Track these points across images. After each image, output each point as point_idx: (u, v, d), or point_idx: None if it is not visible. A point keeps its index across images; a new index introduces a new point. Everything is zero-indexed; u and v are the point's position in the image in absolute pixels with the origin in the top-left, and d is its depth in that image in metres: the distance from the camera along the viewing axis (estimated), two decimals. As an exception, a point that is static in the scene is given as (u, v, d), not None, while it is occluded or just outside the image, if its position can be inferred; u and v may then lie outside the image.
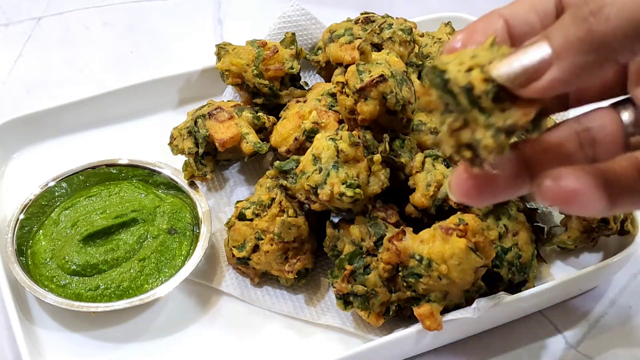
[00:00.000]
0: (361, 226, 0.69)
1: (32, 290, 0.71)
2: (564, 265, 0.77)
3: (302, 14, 0.89)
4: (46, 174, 0.80)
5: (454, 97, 0.35)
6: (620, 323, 0.75)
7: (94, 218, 0.76)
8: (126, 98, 0.88)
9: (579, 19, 0.32)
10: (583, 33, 0.32)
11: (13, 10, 1.06)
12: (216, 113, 0.78)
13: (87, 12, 1.06)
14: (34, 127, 0.86)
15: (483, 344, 0.73)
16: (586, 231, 0.75)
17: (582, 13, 0.32)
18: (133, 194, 0.79)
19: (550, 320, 0.75)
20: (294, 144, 0.76)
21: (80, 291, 0.71)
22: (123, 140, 0.88)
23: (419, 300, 0.67)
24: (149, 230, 0.75)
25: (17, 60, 0.99)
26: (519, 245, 0.70)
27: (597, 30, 0.32)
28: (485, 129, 0.34)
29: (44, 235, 0.76)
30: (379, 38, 0.81)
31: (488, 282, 0.70)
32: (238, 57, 0.81)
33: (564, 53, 0.33)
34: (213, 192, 0.82)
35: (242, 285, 0.76)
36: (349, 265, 0.68)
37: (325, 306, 0.74)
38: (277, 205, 0.72)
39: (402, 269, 0.66)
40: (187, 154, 0.78)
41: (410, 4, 1.07)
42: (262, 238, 0.72)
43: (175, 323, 0.73)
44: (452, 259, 0.64)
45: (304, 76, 0.89)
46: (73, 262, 0.73)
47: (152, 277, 0.73)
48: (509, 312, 0.72)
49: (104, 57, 1.00)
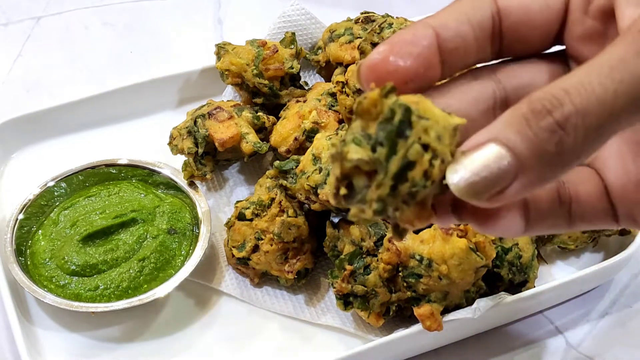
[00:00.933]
0: (361, 226, 0.69)
1: (31, 290, 0.71)
2: (565, 266, 0.77)
3: (302, 14, 0.89)
4: (45, 174, 0.80)
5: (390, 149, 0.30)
6: (621, 323, 0.75)
7: (93, 218, 0.76)
8: (126, 98, 0.88)
9: (546, 131, 0.29)
10: (553, 148, 0.29)
11: (12, 10, 1.06)
12: (216, 113, 0.78)
13: (86, 12, 1.06)
14: (33, 127, 0.86)
15: (483, 344, 0.73)
16: (587, 231, 0.75)
17: (547, 123, 0.29)
18: (132, 194, 0.79)
19: (551, 321, 0.75)
20: (294, 144, 0.76)
21: (79, 291, 0.71)
22: (122, 140, 0.88)
23: (419, 301, 0.67)
24: (149, 230, 0.75)
25: (16, 60, 0.99)
26: (519, 246, 0.70)
27: (567, 145, 0.29)
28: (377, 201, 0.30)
29: (43, 236, 0.75)
30: (379, 38, 0.80)
31: (488, 282, 0.69)
32: (238, 57, 0.81)
33: (531, 167, 0.29)
34: (213, 192, 0.82)
35: (241, 286, 0.75)
36: (349, 265, 0.68)
37: (325, 306, 0.74)
38: (277, 205, 0.72)
39: (402, 269, 0.66)
40: (186, 154, 0.78)
41: (410, 4, 1.07)
42: (262, 238, 0.71)
43: (175, 323, 0.73)
44: (453, 259, 0.64)
45: (304, 76, 0.89)
46: (72, 262, 0.72)
47: (151, 277, 0.73)
48: (510, 312, 0.72)
49: (104, 57, 1.00)
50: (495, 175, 0.29)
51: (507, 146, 0.29)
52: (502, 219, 0.32)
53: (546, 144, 0.29)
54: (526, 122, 0.29)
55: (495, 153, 0.29)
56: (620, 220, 0.35)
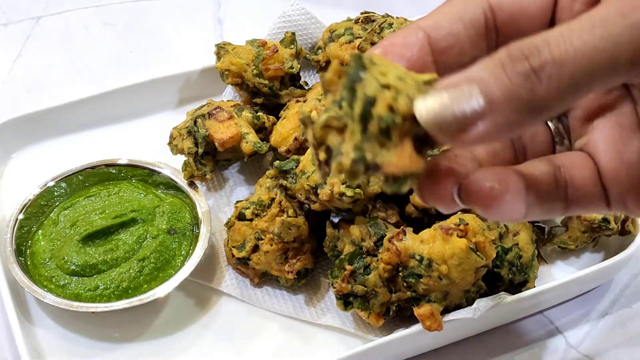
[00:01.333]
0: (361, 226, 0.69)
1: (31, 290, 0.71)
2: (565, 266, 0.77)
3: (302, 14, 0.89)
4: (45, 174, 0.80)
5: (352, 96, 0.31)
6: (621, 323, 0.75)
7: (93, 218, 0.76)
8: (126, 98, 0.88)
9: (521, 75, 0.29)
10: (524, 93, 0.29)
11: (12, 10, 1.06)
12: (216, 113, 0.78)
13: (86, 12, 1.06)
14: (33, 127, 0.86)
15: (483, 344, 0.73)
16: (587, 231, 0.75)
17: (523, 68, 0.29)
18: (132, 194, 0.79)
19: (551, 321, 0.75)
20: (294, 144, 0.76)
21: (79, 291, 0.71)
22: (122, 140, 0.88)
23: (419, 301, 0.67)
24: (149, 231, 0.75)
25: (16, 60, 0.99)
26: (519, 246, 0.70)
27: (539, 93, 0.29)
28: (352, 149, 0.30)
29: (43, 236, 0.75)
30: (379, 37, 0.81)
31: (488, 282, 0.69)
32: (238, 57, 0.81)
33: (500, 109, 0.29)
34: (213, 192, 0.82)
35: (241, 286, 0.75)
36: (349, 265, 0.68)
37: (325, 306, 0.74)
38: (277, 205, 0.72)
39: (402, 269, 0.66)
40: (186, 154, 0.78)
41: (410, 4, 1.07)
42: (262, 238, 0.71)
43: (175, 323, 0.73)
44: (453, 259, 0.64)
45: (304, 76, 0.89)
46: (72, 262, 0.72)
47: (151, 277, 0.73)
48: (510, 312, 0.72)
49: (104, 56, 1.00)
50: (462, 112, 0.30)
51: (480, 86, 0.30)
52: (506, 202, 0.33)
53: (519, 88, 0.29)
54: (502, 66, 0.30)
55: (467, 90, 0.30)
56: (612, 205, 0.36)
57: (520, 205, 0.33)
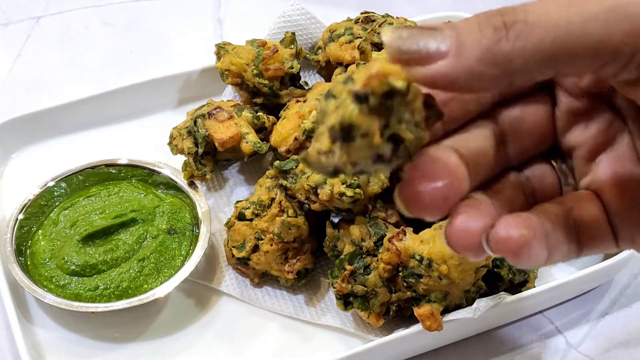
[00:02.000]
0: (361, 226, 0.69)
1: (31, 290, 0.71)
2: (565, 266, 0.77)
3: (302, 14, 0.89)
4: (45, 174, 0.80)
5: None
6: (621, 323, 0.75)
7: (93, 218, 0.76)
8: (126, 98, 0.88)
9: (491, 28, 0.30)
10: (489, 44, 0.30)
11: (12, 10, 1.06)
12: (216, 113, 0.78)
13: (86, 12, 1.06)
14: (33, 127, 0.86)
15: (483, 344, 0.73)
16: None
17: (496, 21, 0.30)
18: (132, 194, 0.79)
19: (551, 321, 0.75)
20: (294, 144, 0.76)
21: (79, 291, 0.71)
22: (122, 140, 0.88)
23: (419, 301, 0.67)
24: (149, 230, 0.75)
25: (16, 60, 0.99)
26: (519, 246, 0.70)
27: (504, 47, 0.30)
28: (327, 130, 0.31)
29: (43, 236, 0.75)
30: (379, 37, 0.80)
31: (488, 282, 0.69)
32: (238, 57, 0.81)
33: (462, 54, 0.30)
34: (213, 192, 0.82)
35: (241, 286, 0.75)
36: (349, 265, 0.68)
37: (325, 306, 0.74)
38: (277, 205, 0.71)
39: (403, 269, 0.66)
40: (186, 154, 0.78)
41: (410, 4, 1.07)
42: (262, 238, 0.71)
43: (175, 323, 0.73)
44: (453, 259, 0.64)
45: (304, 76, 0.89)
46: (72, 262, 0.72)
47: (151, 277, 0.73)
48: (510, 312, 0.72)
49: (104, 56, 1.00)
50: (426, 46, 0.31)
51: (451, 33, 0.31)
52: (533, 247, 0.33)
53: (485, 39, 0.30)
54: (477, 19, 0.31)
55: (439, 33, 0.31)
56: (620, 243, 0.36)
57: (543, 250, 0.33)
